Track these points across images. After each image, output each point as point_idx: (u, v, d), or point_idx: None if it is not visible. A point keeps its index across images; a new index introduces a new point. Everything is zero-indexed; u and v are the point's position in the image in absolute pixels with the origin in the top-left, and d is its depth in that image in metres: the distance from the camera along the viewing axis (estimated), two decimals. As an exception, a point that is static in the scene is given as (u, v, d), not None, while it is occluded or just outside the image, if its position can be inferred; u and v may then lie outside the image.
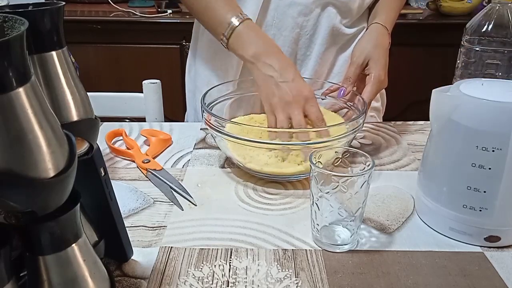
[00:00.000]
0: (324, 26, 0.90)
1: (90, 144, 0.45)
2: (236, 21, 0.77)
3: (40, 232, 0.37)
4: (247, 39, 0.77)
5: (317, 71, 0.93)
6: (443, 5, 1.89)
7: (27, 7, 0.39)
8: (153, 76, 1.15)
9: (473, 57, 0.78)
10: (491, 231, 0.55)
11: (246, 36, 0.77)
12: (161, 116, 1.13)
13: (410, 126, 0.92)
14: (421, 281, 0.51)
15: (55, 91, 0.41)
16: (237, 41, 0.77)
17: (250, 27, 0.78)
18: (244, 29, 0.77)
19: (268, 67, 0.74)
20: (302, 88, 0.73)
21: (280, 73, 0.73)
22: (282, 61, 0.75)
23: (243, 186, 0.70)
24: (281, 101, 0.72)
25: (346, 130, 0.67)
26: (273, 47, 0.78)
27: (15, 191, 0.32)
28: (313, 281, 0.50)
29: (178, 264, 0.53)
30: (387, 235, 0.59)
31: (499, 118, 0.52)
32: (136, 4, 2.05)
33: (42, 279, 0.38)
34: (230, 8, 0.78)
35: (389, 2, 0.91)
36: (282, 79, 0.72)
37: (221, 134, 0.68)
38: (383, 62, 0.81)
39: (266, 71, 0.74)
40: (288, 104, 0.71)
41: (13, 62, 0.30)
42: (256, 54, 0.75)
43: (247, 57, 0.76)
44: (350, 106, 0.79)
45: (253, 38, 0.77)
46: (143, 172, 0.74)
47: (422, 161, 0.62)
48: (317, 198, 0.54)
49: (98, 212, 0.49)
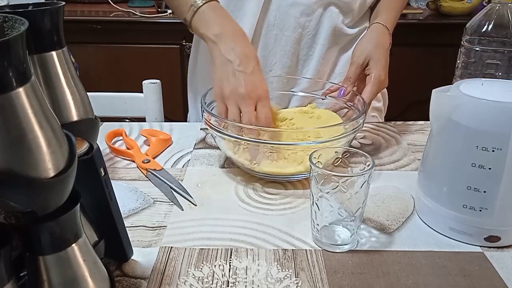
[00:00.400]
0: (326, 26, 0.90)
1: (90, 144, 0.45)
2: (200, 1, 0.75)
3: (40, 232, 0.37)
4: (211, 18, 0.75)
5: (319, 71, 0.93)
6: (443, 5, 1.89)
7: (27, 7, 0.39)
8: (153, 76, 1.15)
9: (473, 57, 0.78)
10: (491, 231, 0.55)
11: (210, 15, 0.75)
12: (161, 116, 1.13)
13: (410, 126, 0.92)
14: (421, 281, 0.51)
15: (55, 91, 0.41)
16: (200, 19, 0.75)
17: (216, 7, 0.76)
18: (209, 9, 0.75)
19: (230, 50, 0.71)
20: (258, 84, 0.70)
21: (240, 61, 0.70)
22: (245, 48, 0.72)
23: (243, 186, 0.70)
24: (233, 92, 0.69)
25: (346, 130, 0.67)
26: (239, 31, 0.75)
27: (15, 191, 0.32)
28: (313, 281, 0.50)
29: (178, 264, 0.53)
30: (387, 235, 0.59)
31: (499, 118, 0.52)
32: (136, 4, 2.05)
33: (42, 279, 0.38)
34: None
35: (390, 2, 0.91)
36: (240, 68, 0.70)
37: (221, 134, 0.68)
38: (383, 62, 0.81)
39: (226, 53, 0.71)
40: (240, 98, 0.69)
41: (13, 62, 0.30)
42: (220, 34, 0.72)
43: (209, 35, 0.73)
44: (350, 106, 0.79)
45: (219, 18, 0.75)
46: (143, 172, 0.74)
47: (422, 161, 0.62)
48: (317, 198, 0.54)
49: (98, 212, 0.49)
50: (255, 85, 0.70)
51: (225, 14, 0.77)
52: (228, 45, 0.72)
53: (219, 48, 0.72)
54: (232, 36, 0.73)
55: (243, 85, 0.69)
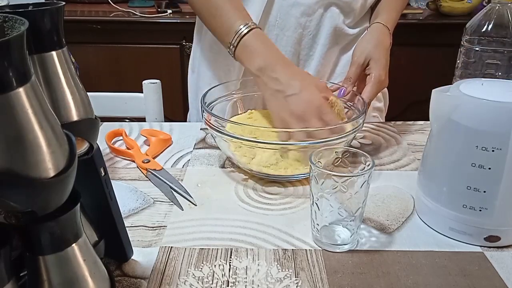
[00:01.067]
0: (327, 27, 0.90)
1: (90, 144, 0.45)
2: (245, 29, 0.75)
3: (40, 232, 0.37)
4: (253, 50, 0.75)
5: (319, 72, 0.93)
6: (443, 5, 1.89)
7: (27, 7, 0.39)
8: (153, 76, 1.15)
9: (473, 57, 0.78)
10: (491, 231, 0.55)
11: (253, 47, 0.75)
12: (161, 116, 1.13)
13: (410, 126, 0.92)
14: (421, 281, 0.51)
15: (55, 91, 0.41)
16: (244, 51, 0.75)
17: (258, 36, 0.76)
18: (252, 39, 0.75)
19: (274, 80, 0.71)
20: (312, 98, 0.70)
21: (287, 86, 0.70)
22: (288, 73, 0.72)
23: (243, 186, 0.70)
24: (292, 116, 0.69)
25: (346, 130, 0.67)
26: (280, 59, 0.75)
27: (15, 191, 0.32)
28: (313, 281, 0.50)
29: (178, 264, 0.53)
30: (387, 235, 0.59)
31: (499, 118, 0.52)
32: (136, 4, 2.05)
33: (42, 279, 0.38)
34: (240, 16, 0.77)
35: (390, 2, 0.91)
36: (290, 92, 0.70)
37: (221, 134, 0.68)
38: (383, 62, 0.81)
39: (272, 85, 0.71)
40: (301, 118, 0.68)
41: (13, 62, 0.30)
42: (262, 67, 0.73)
43: (253, 70, 0.74)
44: (350, 106, 0.79)
45: (260, 50, 0.75)
46: (143, 172, 0.74)
47: (422, 161, 0.62)
48: (317, 198, 0.54)
49: (98, 212, 0.49)
50: (309, 100, 0.69)
51: (268, 44, 0.77)
52: (272, 75, 0.72)
53: (263, 81, 0.73)
54: (273, 65, 0.73)
55: (299, 106, 0.69)
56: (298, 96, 0.69)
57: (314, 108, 0.69)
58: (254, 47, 0.75)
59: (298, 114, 0.69)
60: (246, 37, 0.75)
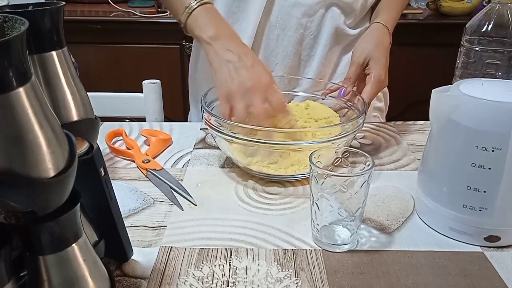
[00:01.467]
0: (328, 27, 0.90)
1: (90, 144, 0.45)
2: (195, 4, 0.75)
3: (40, 232, 0.37)
4: (206, 20, 0.75)
5: (320, 72, 0.93)
6: (443, 5, 1.89)
7: (27, 7, 0.39)
8: (153, 76, 1.15)
9: (473, 57, 0.78)
10: (491, 231, 0.55)
11: (205, 18, 0.75)
12: (161, 116, 1.13)
13: (410, 126, 0.92)
14: (421, 281, 0.51)
15: (55, 91, 0.41)
16: (195, 22, 0.75)
17: (209, 9, 0.76)
18: (203, 11, 0.75)
19: (227, 51, 0.71)
20: (262, 74, 0.70)
21: (239, 57, 0.70)
22: (241, 47, 0.73)
23: (243, 186, 0.70)
24: (239, 88, 0.68)
25: (346, 130, 0.67)
26: (232, 32, 0.75)
27: (15, 191, 0.32)
28: (313, 281, 0.50)
29: (178, 264, 0.53)
30: (387, 235, 0.59)
31: (499, 118, 0.52)
32: (136, 4, 2.05)
33: (42, 279, 0.38)
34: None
35: (390, 2, 0.92)
36: (240, 64, 0.69)
37: (221, 134, 0.68)
38: (383, 62, 0.81)
39: (224, 54, 0.71)
40: (247, 92, 0.68)
41: (13, 62, 0.30)
42: (215, 36, 0.73)
43: (205, 37, 0.74)
44: (350, 106, 0.79)
45: (212, 20, 0.75)
46: (143, 172, 0.74)
47: (422, 161, 0.62)
48: (317, 198, 0.54)
49: (98, 212, 0.49)
50: (259, 76, 0.69)
51: (219, 17, 0.77)
52: (224, 46, 0.72)
53: (215, 50, 0.72)
54: (227, 37, 0.73)
55: (248, 79, 0.68)
56: (249, 70, 0.69)
57: (262, 85, 0.69)
58: (206, 18, 0.75)
59: (245, 88, 0.68)
60: (197, 10, 0.75)
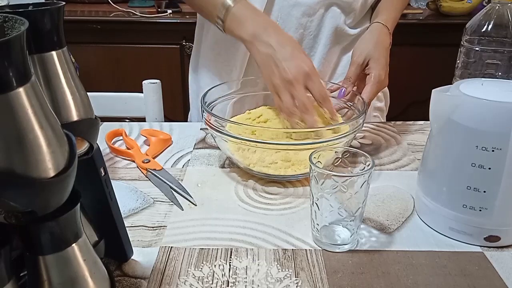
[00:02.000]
0: (328, 27, 0.90)
1: (90, 144, 0.45)
2: (231, 1, 0.76)
3: (40, 232, 0.37)
4: (243, 19, 0.76)
5: (320, 72, 0.93)
6: (443, 5, 1.89)
7: (27, 7, 0.39)
8: (153, 76, 1.15)
9: (473, 57, 0.78)
10: (491, 231, 0.55)
11: (242, 16, 0.76)
12: (161, 116, 1.13)
13: (410, 126, 0.92)
14: (421, 281, 0.51)
15: (55, 91, 0.41)
16: (233, 21, 0.77)
17: (245, 6, 0.77)
18: (239, 9, 0.76)
19: (266, 45, 0.73)
20: (301, 64, 0.72)
21: (278, 51, 0.72)
22: (279, 37, 0.74)
23: (243, 186, 0.70)
24: (282, 81, 0.71)
25: (346, 130, 0.67)
26: (271, 24, 0.77)
27: (15, 191, 0.32)
28: (313, 281, 0.50)
29: (178, 264, 0.53)
30: (387, 235, 0.59)
31: (499, 118, 0.52)
32: (136, 4, 2.05)
33: (42, 279, 0.38)
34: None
35: (391, 2, 0.91)
36: (279, 57, 0.72)
37: (221, 134, 0.68)
38: (383, 62, 0.81)
39: (264, 49, 0.73)
40: (289, 83, 0.71)
41: (13, 62, 0.30)
42: (253, 33, 0.74)
43: (245, 36, 0.75)
44: (350, 106, 0.79)
45: (250, 17, 0.76)
46: (143, 172, 0.74)
47: (422, 161, 0.62)
48: (317, 198, 0.54)
49: (98, 212, 0.49)
50: (299, 66, 0.71)
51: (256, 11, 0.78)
52: (263, 40, 0.74)
53: (256, 47, 0.75)
54: (265, 31, 0.75)
55: (287, 71, 0.71)
56: (288, 62, 0.72)
57: (302, 74, 0.71)
58: (245, 15, 0.76)
59: (287, 79, 0.71)
60: (235, 8, 0.76)
